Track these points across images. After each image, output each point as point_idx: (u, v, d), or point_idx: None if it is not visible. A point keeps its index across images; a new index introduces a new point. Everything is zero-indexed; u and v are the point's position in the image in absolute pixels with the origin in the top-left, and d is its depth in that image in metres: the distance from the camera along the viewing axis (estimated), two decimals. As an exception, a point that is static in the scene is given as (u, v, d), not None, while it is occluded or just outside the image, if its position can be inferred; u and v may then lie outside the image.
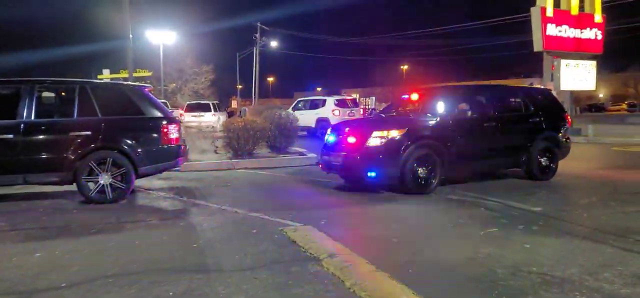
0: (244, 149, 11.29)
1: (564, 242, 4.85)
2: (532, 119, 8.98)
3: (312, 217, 5.95)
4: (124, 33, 17.45)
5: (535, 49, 19.97)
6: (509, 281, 3.78)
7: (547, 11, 19.42)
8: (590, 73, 21.05)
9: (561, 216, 6.04)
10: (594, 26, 20.90)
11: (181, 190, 8.18)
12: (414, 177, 7.50)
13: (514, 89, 10.12)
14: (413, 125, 8.05)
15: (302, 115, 20.39)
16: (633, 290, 3.56)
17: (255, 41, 44.23)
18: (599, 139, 18.66)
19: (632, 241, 4.83)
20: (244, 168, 10.72)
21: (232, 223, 5.79)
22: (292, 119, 12.86)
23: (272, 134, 12.11)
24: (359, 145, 7.73)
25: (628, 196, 7.25)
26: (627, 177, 9.21)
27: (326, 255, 4.39)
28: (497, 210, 6.37)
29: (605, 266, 4.08)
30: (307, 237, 5.02)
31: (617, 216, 5.96)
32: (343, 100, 23.13)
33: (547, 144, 8.97)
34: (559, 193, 7.84)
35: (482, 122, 8.54)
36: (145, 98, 7.60)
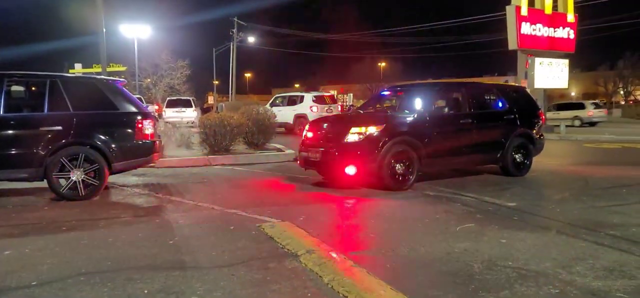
0: (221, 145, 11.19)
1: (538, 236, 4.93)
2: (507, 116, 9.11)
3: (290, 213, 5.92)
4: (96, 27, 17.08)
5: (510, 47, 20.27)
6: (485, 275, 3.82)
7: (521, 10, 19.73)
8: (562, 71, 21.47)
9: (535, 211, 6.15)
10: (566, 25, 21.31)
11: (156, 186, 8.06)
12: (391, 173, 7.53)
13: (490, 87, 10.24)
14: (391, 121, 8.08)
15: (280, 111, 20.33)
16: (604, 283, 3.64)
17: (232, 36, 43.86)
18: (571, 135, 19.09)
19: (603, 235, 4.94)
20: (220, 164, 10.62)
21: (209, 220, 5.72)
22: (270, 115, 12.80)
23: (249, 130, 12.03)
24: (337, 141, 7.72)
25: (599, 191, 7.41)
26: (598, 172, 9.43)
27: (304, 251, 4.37)
28: (473, 206, 6.44)
29: (577, 259, 4.16)
30: (284, 233, 4.99)
31: (588, 211, 6.09)
32: (321, 96, 23.13)
33: (521, 140, 9.11)
34: (533, 188, 7.97)
35: (458, 119, 8.62)
36: (118, 92, 7.46)
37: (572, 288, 3.54)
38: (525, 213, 5.99)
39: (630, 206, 6.32)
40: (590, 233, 5.01)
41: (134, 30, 35.17)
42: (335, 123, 8.42)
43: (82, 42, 38.15)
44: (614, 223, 5.42)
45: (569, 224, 5.42)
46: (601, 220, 5.58)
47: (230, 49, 44.56)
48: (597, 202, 6.62)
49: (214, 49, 53.59)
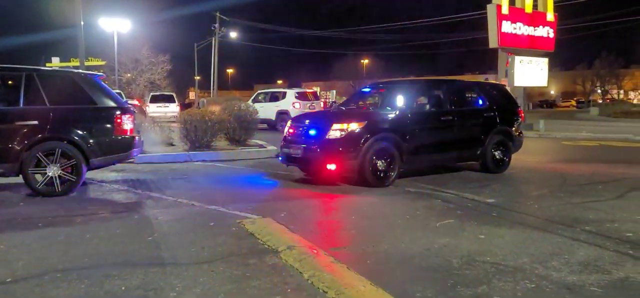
0: (202, 141, 11.10)
1: (516, 232, 5.00)
2: (487, 114, 9.21)
3: (271, 210, 5.91)
4: (74, 20, 16.78)
5: (491, 45, 20.47)
6: (464, 270, 3.86)
7: (502, 8, 19.92)
8: (542, 70, 21.77)
9: (514, 207, 6.23)
10: (546, 24, 21.61)
11: (136, 182, 7.96)
12: (373, 169, 7.55)
13: (470, 84, 10.34)
14: (372, 118, 8.11)
15: (262, 107, 20.25)
16: (579, 277, 3.70)
17: (214, 31, 43.50)
18: (549, 133, 19.37)
19: (578, 230, 5.03)
20: (201, 160, 10.54)
21: (189, 216, 5.68)
22: (252, 111, 12.73)
23: (231, 126, 11.95)
24: (319, 137, 7.72)
25: (576, 188, 7.55)
26: (575, 169, 9.59)
27: (285, 247, 4.36)
28: (453, 202, 6.50)
29: (553, 255, 4.23)
30: (265, 229, 4.98)
31: (565, 207, 6.19)
32: (303, 93, 23.10)
33: (501, 137, 9.22)
34: (512, 185, 8.08)
35: (439, 116, 8.69)
36: (97, 87, 7.34)
37: (547, 283, 3.60)
38: (503, 210, 6.07)
39: (605, 202, 6.44)
40: (567, 228, 5.10)
41: (114, 23, 34.64)
42: (317, 119, 8.42)
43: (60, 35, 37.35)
44: (589, 219, 5.52)
45: (546, 220, 5.51)
46: (577, 216, 5.68)
47: (212, 44, 44.21)
48: (573, 198, 6.74)
49: (196, 44, 53.10)
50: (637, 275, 3.76)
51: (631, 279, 3.68)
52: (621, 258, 4.16)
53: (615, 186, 7.60)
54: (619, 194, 6.96)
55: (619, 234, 4.88)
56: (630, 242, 4.62)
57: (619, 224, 5.28)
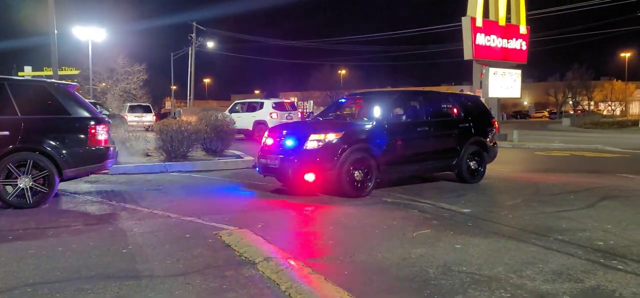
0: (178, 151, 10.98)
1: (491, 241, 5.07)
2: (462, 124, 9.34)
3: (248, 221, 5.87)
4: (48, 28, 16.48)
5: (466, 57, 20.84)
6: (440, 280, 3.89)
7: (477, 21, 20.32)
8: (515, 81, 22.24)
9: (489, 217, 6.32)
10: (519, 37, 22.11)
11: (110, 193, 7.82)
12: (350, 180, 7.58)
13: (446, 95, 10.48)
14: (350, 129, 8.15)
15: (240, 117, 20.17)
16: (552, 286, 3.77)
17: (190, 41, 43.20)
18: (523, 143, 19.75)
19: (552, 240, 5.12)
20: (177, 171, 10.42)
21: (164, 228, 5.60)
22: (229, 121, 12.67)
23: (207, 137, 11.86)
24: (296, 148, 7.72)
25: (549, 197, 7.70)
26: (548, 179, 9.79)
27: (262, 258, 4.33)
28: (429, 212, 6.56)
29: (528, 264, 4.30)
30: (242, 240, 4.94)
31: (539, 216, 6.31)
32: (281, 103, 23.09)
33: (476, 148, 9.36)
34: (487, 195, 8.19)
35: (415, 127, 8.78)
36: (70, 96, 7.20)
37: (522, 292, 3.65)
38: (479, 219, 6.15)
39: (578, 211, 6.59)
40: (540, 238, 5.20)
41: (88, 32, 34.08)
42: (295, 130, 8.42)
43: (33, 44, 36.58)
44: (562, 228, 5.64)
45: (521, 229, 5.60)
46: (550, 225, 5.79)
47: (188, 53, 43.89)
48: (546, 207, 6.87)
49: (172, 53, 52.63)
50: (607, 283, 3.85)
51: (602, 287, 3.77)
52: (593, 266, 4.26)
53: (586, 195, 7.78)
54: (590, 203, 7.12)
55: (591, 243, 5.00)
56: (601, 251, 4.73)
57: (590, 233, 5.40)
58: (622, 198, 7.56)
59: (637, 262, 4.39)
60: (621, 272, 4.11)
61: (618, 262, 4.37)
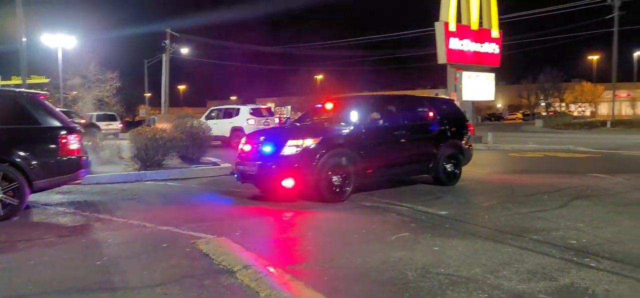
0: (153, 159, 10.81)
1: (469, 243, 5.12)
2: (437, 128, 9.43)
3: (226, 229, 5.81)
4: (16, 36, 16.09)
5: (440, 62, 21.10)
6: (418, 283, 3.91)
7: (449, 26, 20.61)
8: (489, 84, 22.60)
9: (465, 218, 6.39)
10: (492, 41, 22.50)
11: (83, 204, 7.65)
12: (328, 185, 7.57)
13: (421, 99, 10.58)
14: (327, 134, 8.15)
15: (216, 124, 19.99)
16: (528, 285, 3.83)
17: (164, 48, 42.71)
18: (498, 145, 20.06)
19: (527, 240, 5.21)
20: (153, 180, 10.26)
21: (140, 238, 5.50)
22: (205, 128, 12.55)
23: (183, 144, 11.72)
24: (274, 154, 7.68)
25: (523, 198, 7.83)
26: (522, 180, 9.96)
27: (240, 266, 4.29)
28: (407, 215, 6.60)
29: (504, 264, 4.36)
30: (220, 249, 4.89)
31: (514, 217, 6.41)
32: (258, 109, 22.97)
33: (452, 151, 9.47)
34: (464, 197, 8.29)
35: (392, 131, 8.83)
36: (40, 106, 7.03)
37: (499, 292, 3.70)
38: (456, 221, 6.21)
39: (551, 211, 6.71)
40: (516, 238, 5.27)
41: (58, 40, 33.40)
42: (272, 135, 8.39)
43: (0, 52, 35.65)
44: (537, 228, 5.74)
45: (497, 230, 5.68)
46: (525, 225, 5.89)
47: (162, 60, 43.37)
48: (521, 208, 6.99)
49: (146, 60, 51.94)
50: (581, 281, 3.93)
51: (576, 285, 3.84)
52: (566, 265, 4.34)
53: (559, 195, 7.94)
54: (563, 203, 7.27)
55: (564, 242, 5.10)
56: (574, 249, 4.82)
57: (564, 232, 5.51)
58: (593, 198, 7.74)
59: (609, 259, 4.49)
60: (593, 270, 4.20)
61: (590, 260, 4.46)
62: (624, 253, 4.68)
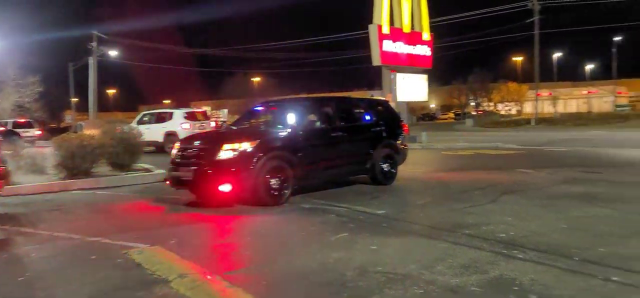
0: (81, 167, 10.26)
1: (405, 241, 5.24)
2: (374, 128, 9.61)
3: (160, 237, 5.61)
4: None
5: (374, 64, 21.49)
6: (357, 282, 3.94)
7: (383, 28, 21.04)
8: (422, 86, 23.28)
9: (402, 217, 6.54)
10: (424, 43, 23.20)
11: (3, 217, 7.12)
12: (267, 188, 7.50)
13: (357, 101, 10.74)
14: (265, 136, 8.08)
15: (148, 129, 19.31)
16: (461, 279, 3.96)
17: (91, 50, 40.81)
18: (432, 145, 20.74)
19: (459, 235, 5.39)
20: (80, 189, 9.74)
21: (67, 251, 5.20)
22: (136, 133, 12.08)
23: (113, 151, 11.21)
24: (210, 158, 7.52)
25: (457, 194, 8.12)
26: (455, 177, 10.34)
27: (176, 275, 4.15)
28: (346, 216, 6.66)
29: (438, 260, 4.48)
30: (154, 258, 4.71)
31: (447, 213, 6.63)
32: (192, 112, 22.39)
33: (388, 151, 9.66)
34: (400, 196, 8.48)
35: (330, 132, 8.89)
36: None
37: (434, 287, 3.80)
38: (393, 220, 6.34)
39: (482, 206, 7.00)
40: (449, 234, 5.45)
41: (-30, 43, 31.16)
42: (208, 140, 8.21)
43: None
44: (469, 223, 5.96)
45: (431, 227, 5.84)
46: (458, 221, 6.10)
47: (89, 63, 41.41)
48: (454, 204, 7.24)
49: (71, 63, 49.36)
50: (509, 272, 4.11)
51: (505, 276, 4.02)
52: (496, 257, 4.53)
53: (489, 191, 8.30)
54: (492, 199, 7.60)
55: (494, 236, 5.32)
56: (503, 242, 5.05)
57: (494, 226, 5.75)
58: (520, 192, 8.15)
59: (534, 250, 4.73)
60: (520, 261, 4.41)
61: (518, 252, 4.69)
62: (547, 244, 4.95)
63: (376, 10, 21.23)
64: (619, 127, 33.17)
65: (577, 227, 5.65)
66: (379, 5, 21.12)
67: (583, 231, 5.47)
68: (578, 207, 6.76)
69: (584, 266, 4.22)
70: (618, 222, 5.87)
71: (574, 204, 6.98)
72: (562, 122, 39.64)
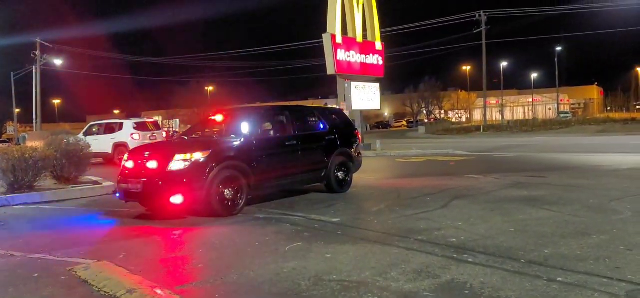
0: (23, 181, 9.78)
1: (359, 248, 5.27)
2: (328, 137, 9.65)
3: (108, 252, 5.41)
4: None
5: (329, 72, 21.69)
6: (311, 292, 3.93)
7: (336, 38, 21.27)
8: (375, 94, 23.65)
9: (356, 224, 6.58)
10: (376, 53, 23.60)
11: (-64, 236, 6.69)
12: (220, 199, 7.38)
13: (312, 110, 10.76)
14: (217, 146, 7.96)
15: (97, 140, 18.69)
16: (414, 285, 4.01)
17: (34, 59, 39.17)
18: (385, 152, 21.04)
19: (412, 240, 5.48)
20: (22, 203, 9.27)
21: (7, 269, 4.93)
22: (83, 145, 11.64)
23: (58, 163, 10.76)
24: (161, 169, 7.33)
25: (409, 201, 8.25)
26: (408, 184, 10.51)
27: (124, 291, 4.00)
28: (301, 225, 6.63)
29: (392, 266, 4.53)
30: (101, 274, 4.53)
31: (400, 219, 6.72)
32: (143, 123, 21.80)
33: (342, 159, 9.72)
34: (355, 203, 8.54)
35: (284, 141, 8.86)
36: None
37: (388, 294, 3.83)
38: (347, 227, 6.37)
39: (434, 212, 7.15)
40: (402, 240, 5.53)
41: None
42: (158, 150, 8.00)
43: None
44: (421, 229, 6.06)
45: (385, 233, 5.91)
46: (411, 227, 6.20)
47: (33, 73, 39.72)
48: (407, 211, 7.35)
49: (13, 73, 47.20)
50: (460, 276, 4.21)
51: (456, 280, 4.10)
52: (448, 262, 4.62)
53: (440, 197, 8.48)
54: (443, 204, 7.77)
55: (445, 240, 5.43)
56: (454, 247, 5.16)
57: (445, 231, 5.88)
58: (470, 197, 8.37)
59: (483, 253, 4.86)
60: (471, 265, 4.52)
61: (468, 256, 4.80)
62: (495, 246, 5.10)
63: (330, 20, 21.45)
64: (562, 132, 34.80)
65: (522, 230, 5.86)
66: (332, 14, 21.35)
67: (528, 233, 5.67)
68: (523, 211, 7.01)
69: (529, 267, 4.37)
70: (560, 223, 6.13)
71: (519, 208, 7.23)
72: (509, 129, 41.19)
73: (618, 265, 4.37)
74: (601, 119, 43.78)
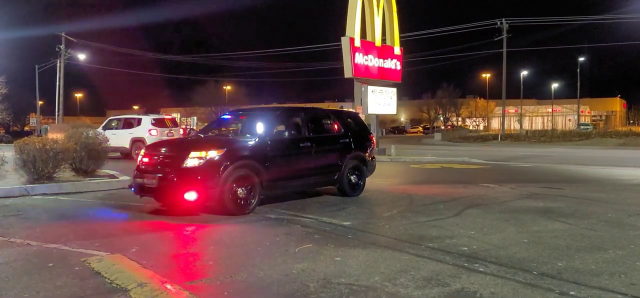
0: (43, 172, 9.97)
1: (369, 252, 5.26)
2: (342, 140, 9.66)
3: (121, 245, 5.49)
4: None
5: (346, 76, 21.67)
6: (320, 294, 3.94)
7: (355, 41, 21.26)
8: (392, 99, 23.57)
9: (367, 228, 6.57)
10: (394, 57, 23.53)
11: (-44, 222, 6.86)
12: (233, 197, 7.44)
13: (327, 112, 10.78)
14: (232, 145, 8.02)
15: (115, 135, 18.99)
16: (423, 292, 4.00)
17: (58, 53, 39.86)
18: (400, 157, 20.96)
19: (423, 247, 5.46)
20: (41, 194, 9.46)
21: (23, 258, 5.03)
22: (102, 138, 11.83)
23: (77, 156, 10.95)
24: (176, 166, 7.42)
25: (421, 207, 8.21)
26: (421, 190, 10.46)
27: (135, 284, 4.06)
28: (311, 227, 6.65)
29: (402, 272, 4.52)
30: (114, 266, 4.60)
31: (412, 226, 6.70)
32: (161, 119, 22.06)
33: (356, 162, 9.72)
34: (366, 207, 8.53)
35: (298, 143, 8.89)
36: None
37: (396, 299, 3.82)
38: (358, 231, 6.36)
39: (446, 220, 7.10)
40: (413, 246, 5.50)
41: None
42: (174, 147, 8.10)
43: None
44: (432, 236, 6.03)
45: (396, 239, 5.89)
46: (422, 234, 6.17)
47: (57, 66, 40.43)
48: (419, 217, 7.32)
49: (37, 66, 48.13)
50: (470, 285, 4.18)
51: (466, 289, 4.07)
52: (458, 271, 4.59)
53: (454, 205, 8.43)
54: (456, 212, 7.72)
55: (457, 249, 5.40)
56: (466, 256, 5.13)
57: (457, 240, 5.84)
58: (483, 206, 8.30)
59: (495, 263, 4.82)
60: (482, 274, 4.48)
61: (479, 265, 4.76)
62: (508, 257, 5.05)
63: (349, 23, 21.45)
64: (581, 144, 34.27)
65: (536, 241, 5.79)
66: (351, 18, 21.33)
67: (542, 245, 5.60)
68: (538, 222, 6.93)
69: (542, 280, 4.32)
70: (575, 236, 6.04)
71: (534, 219, 7.15)
72: (528, 139, 40.67)
73: (633, 281, 4.30)
74: (623, 132, 42.95)
